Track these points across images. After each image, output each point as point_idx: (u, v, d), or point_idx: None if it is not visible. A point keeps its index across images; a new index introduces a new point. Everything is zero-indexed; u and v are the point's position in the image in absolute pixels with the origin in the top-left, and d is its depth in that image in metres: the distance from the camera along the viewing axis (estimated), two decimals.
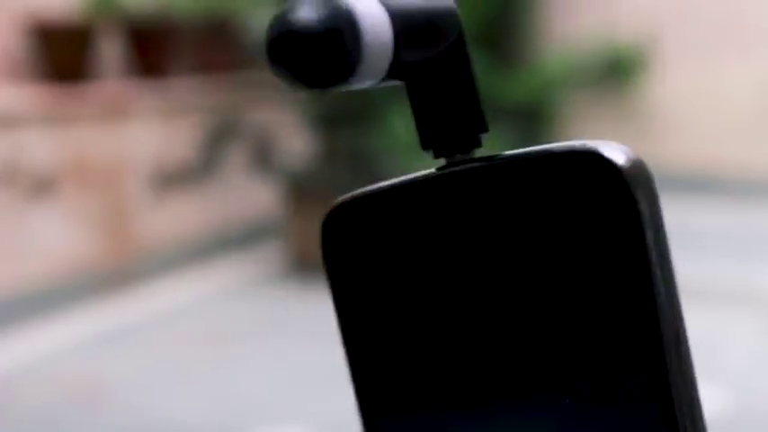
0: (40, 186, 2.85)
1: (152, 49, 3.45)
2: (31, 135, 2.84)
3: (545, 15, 4.79)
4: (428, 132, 0.31)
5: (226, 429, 2.09)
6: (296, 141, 3.89)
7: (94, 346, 2.64)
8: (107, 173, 3.09)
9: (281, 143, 3.86)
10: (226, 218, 3.57)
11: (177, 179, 3.36)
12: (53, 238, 2.88)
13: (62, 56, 3.18)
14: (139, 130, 3.23)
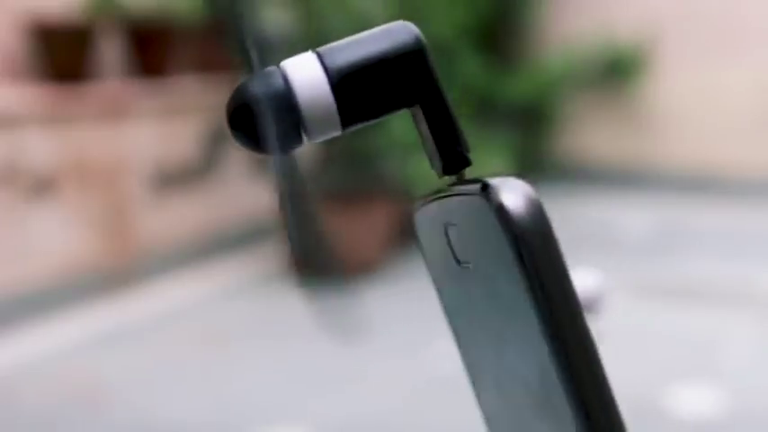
0: (40, 186, 2.85)
1: (152, 49, 3.45)
2: (31, 135, 2.84)
3: (545, 15, 4.79)
4: (428, 155, 0.35)
5: (226, 429, 2.09)
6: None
7: (94, 346, 2.64)
8: (107, 173, 3.09)
9: None
10: (226, 218, 3.57)
11: (177, 179, 3.36)
12: (53, 238, 2.88)
13: (62, 56, 3.18)
14: (139, 130, 3.23)
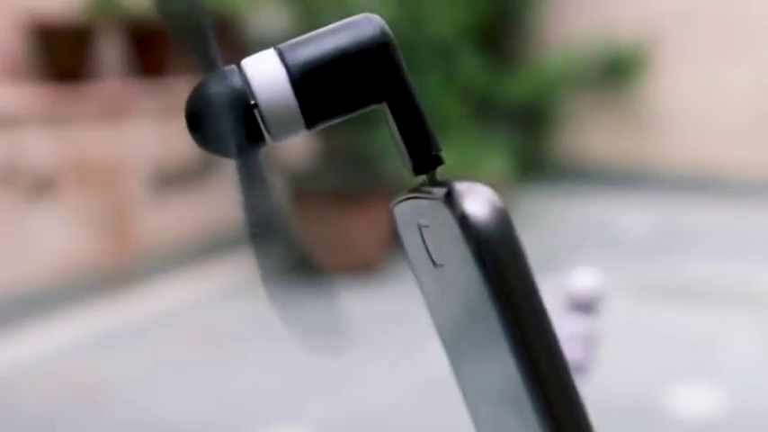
0: (40, 186, 2.85)
1: (152, 49, 3.45)
2: (31, 135, 2.84)
3: (545, 15, 4.79)
4: (402, 154, 0.35)
5: (226, 429, 2.09)
6: (295, 141, 3.90)
7: (94, 345, 2.64)
8: (107, 173, 3.09)
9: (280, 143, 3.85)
10: (226, 218, 3.57)
11: (177, 179, 3.36)
12: (53, 238, 2.88)
13: (62, 56, 3.18)
14: (139, 130, 3.23)
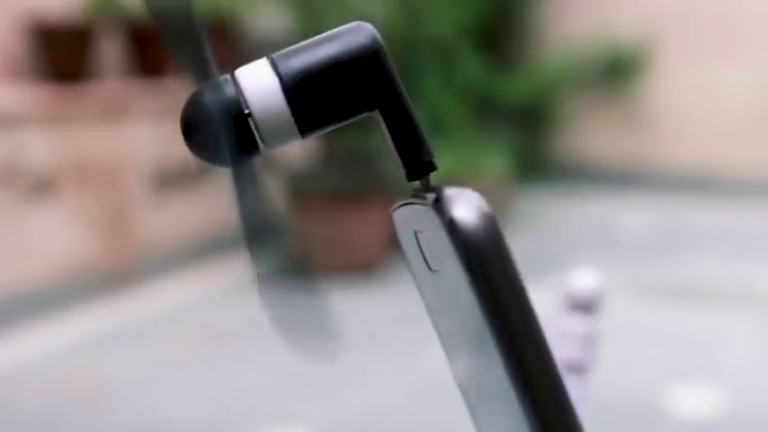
0: (40, 186, 2.85)
1: (152, 49, 3.45)
2: (31, 135, 2.84)
3: (545, 15, 4.79)
4: (397, 160, 0.35)
5: (226, 429, 2.09)
6: (295, 142, 3.89)
7: (94, 346, 2.64)
8: (107, 173, 3.09)
9: None
10: (226, 218, 3.57)
11: (177, 179, 3.36)
12: (53, 238, 2.88)
13: (62, 56, 3.18)
14: (139, 130, 3.23)
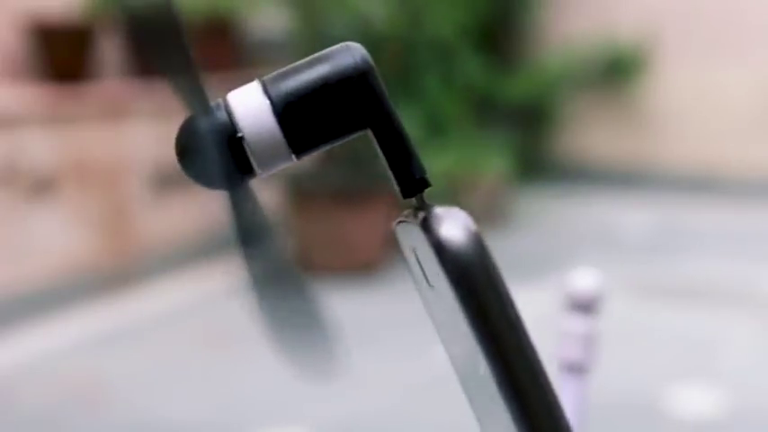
0: (40, 186, 2.85)
1: None
2: (31, 135, 2.84)
3: (545, 15, 4.79)
4: (390, 179, 0.36)
5: (226, 429, 2.09)
6: None
7: (94, 346, 2.64)
8: (107, 173, 3.09)
9: None
10: (225, 218, 3.57)
11: (177, 179, 3.36)
12: (53, 238, 2.88)
13: (62, 56, 3.18)
14: (139, 130, 3.23)
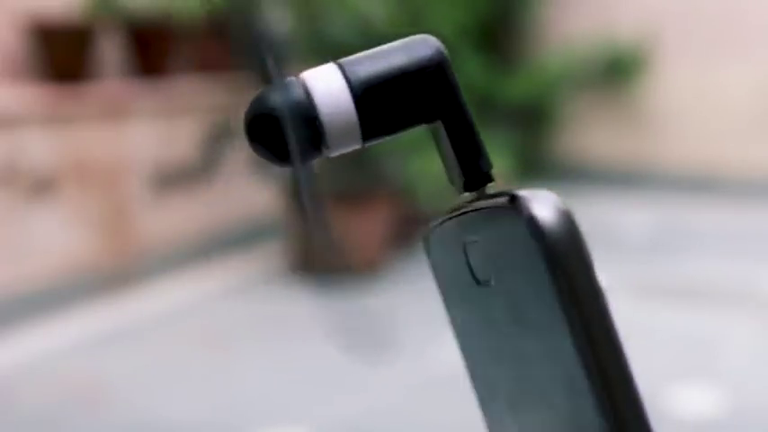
0: (40, 186, 2.85)
1: (152, 49, 3.45)
2: (31, 135, 2.84)
3: (545, 15, 4.79)
4: (448, 172, 0.35)
5: (226, 429, 2.09)
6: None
7: (94, 346, 2.64)
8: (107, 173, 3.09)
9: None
10: (226, 218, 3.57)
11: (177, 179, 3.36)
12: (53, 238, 2.88)
13: (62, 56, 3.18)
14: (139, 130, 3.23)
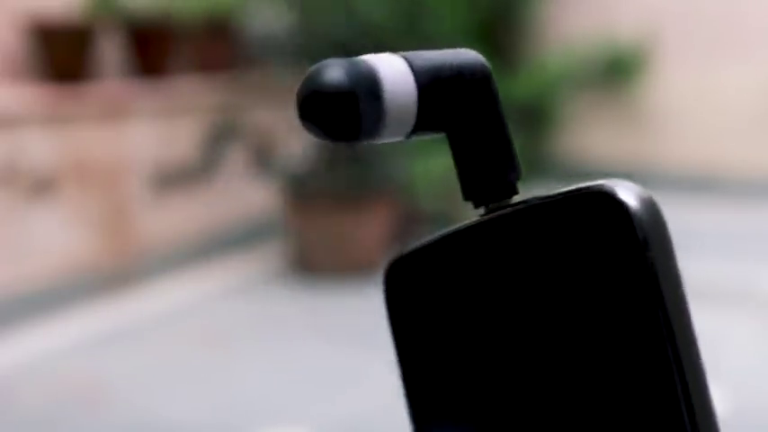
0: (40, 186, 2.85)
1: (152, 49, 3.45)
2: (31, 135, 2.84)
3: (545, 15, 4.79)
4: (468, 183, 0.33)
5: (226, 429, 2.09)
6: (295, 142, 3.89)
7: (94, 346, 2.64)
8: (107, 173, 3.09)
9: (280, 144, 3.86)
10: (226, 218, 3.57)
11: (177, 179, 3.36)
12: (53, 238, 2.88)
13: (62, 56, 3.18)
14: (139, 130, 3.23)
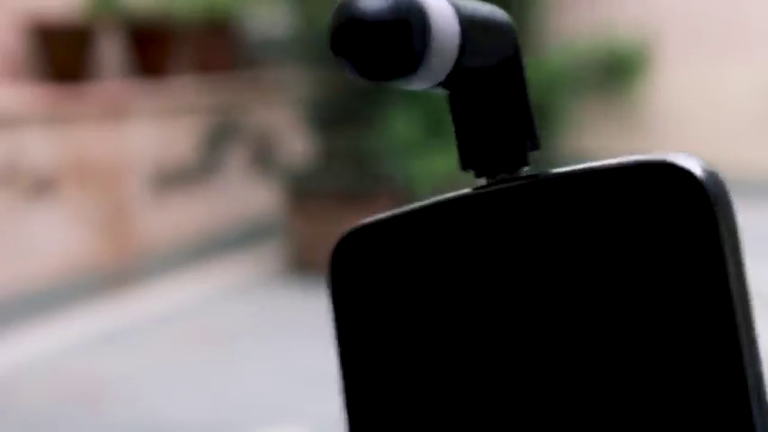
0: (40, 186, 2.85)
1: (152, 49, 3.45)
2: (31, 135, 2.84)
3: (547, 14, 4.79)
4: (471, 150, 0.29)
5: (226, 429, 2.09)
6: (296, 141, 3.90)
7: (94, 345, 2.64)
8: (107, 173, 3.10)
9: (281, 143, 3.86)
10: (226, 218, 3.57)
11: (177, 179, 3.36)
12: (53, 237, 2.88)
13: (62, 56, 3.18)
14: (139, 130, 3.23)
